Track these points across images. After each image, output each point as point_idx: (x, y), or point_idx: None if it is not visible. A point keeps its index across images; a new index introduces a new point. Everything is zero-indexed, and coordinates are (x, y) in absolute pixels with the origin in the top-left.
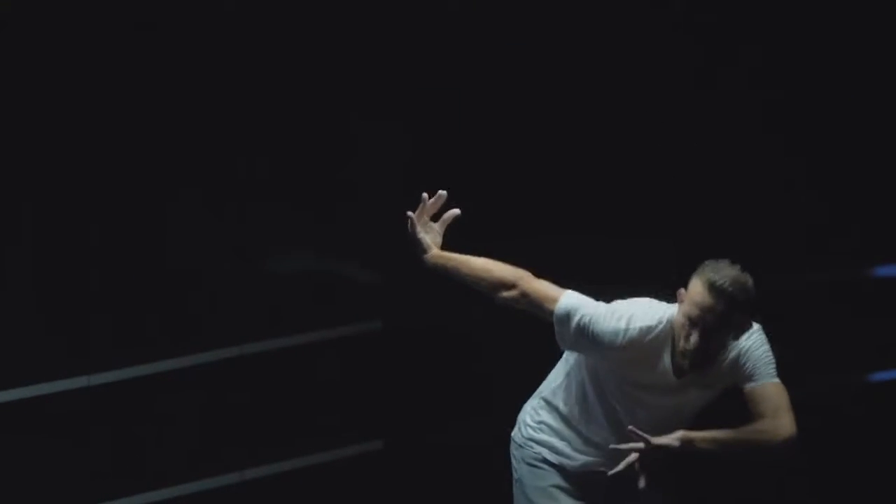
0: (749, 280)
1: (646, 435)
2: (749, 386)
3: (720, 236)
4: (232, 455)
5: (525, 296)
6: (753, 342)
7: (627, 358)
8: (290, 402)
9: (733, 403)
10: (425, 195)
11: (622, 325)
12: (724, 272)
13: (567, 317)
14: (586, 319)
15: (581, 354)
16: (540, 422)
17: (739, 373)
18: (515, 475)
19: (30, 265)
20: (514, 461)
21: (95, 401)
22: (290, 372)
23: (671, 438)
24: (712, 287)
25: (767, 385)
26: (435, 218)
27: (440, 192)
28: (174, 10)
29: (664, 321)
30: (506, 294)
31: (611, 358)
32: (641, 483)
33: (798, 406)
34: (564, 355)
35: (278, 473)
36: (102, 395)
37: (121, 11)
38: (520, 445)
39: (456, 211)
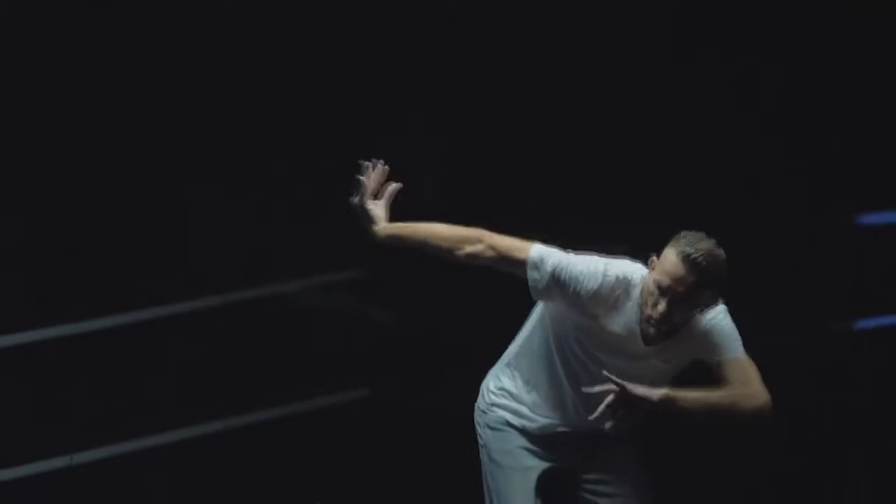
0: (722, 255)
1: (622, 381)
2: (717, 359)
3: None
4: (216, 404)
5: (492, 248)
6: (720, 319)
7: (597, 311)
8: (276, 350)
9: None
10: (367, 163)
11: (600, 268)
12: (700, 245)
13: (541, 261)
14: (564, 263)
15: (547, 317)
16: (501, 388)
17: (705, 347)
18: (481, 441)
19: (15, 213)
20: (478, 428)
21: (77, 349)
22: (274, 320)
23: (652, 392)
24: (686, 258)
25: (736, 359)
26: (380, 196)
27: (380, 164)
28: None
29: (639, 280)
30: (470, 249)
31: (581, 309)
32: (608, 426)
33: (782, 355)
34: (527, 323)
35: (262, 422)
36: (85, 343)
37: None
38: (483, 412)
39: (398, 185)
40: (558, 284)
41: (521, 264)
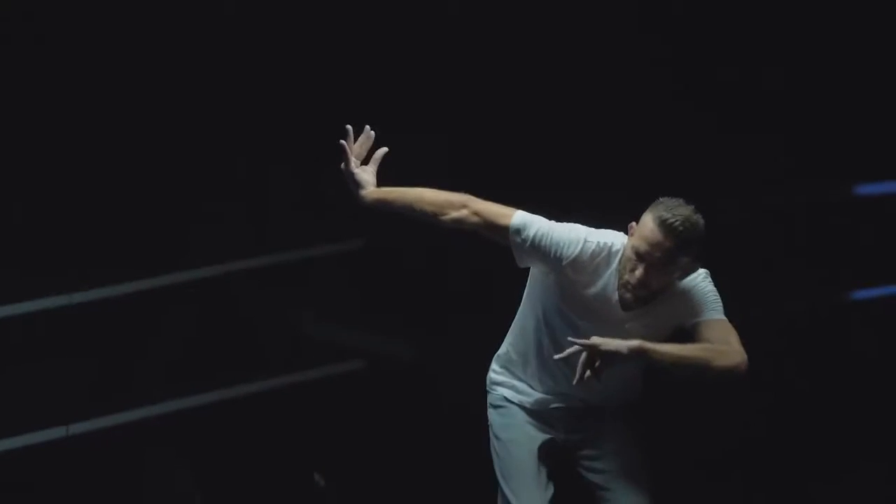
0: (700, 221)
1: (590, 340)
2: (694, 321)
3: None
4: (214, 374)
5: (477, 213)
6: (699, 282)
7: (577, 277)
8: (273, 320)
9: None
10: (349, 127)
11: (581, 235)
12: (677, 211)
13: (524, 226)
14: (546, 229)
15: (534, 291)
16: (502, 365)
17: (684, 310)
18: (489, 422)
19: (15, 184)
20: (487, 412)
21: (79, 319)
22: (271, 290)
23: (622, 344)
24: (663, 224)
25: (714, 320)
26: (367, 161)
27: (367, 129)
28: None
29: (619, 247)
30: (455, 214)
31: (561, 276)
32: (586, 375)
33: (778, 326)
34: (522, 302)
35: (260, 392)
36: (86, 313)
37: None
38: (487, 391)
39: (384, 150)
40: (540, 250)
41: (503, 230)
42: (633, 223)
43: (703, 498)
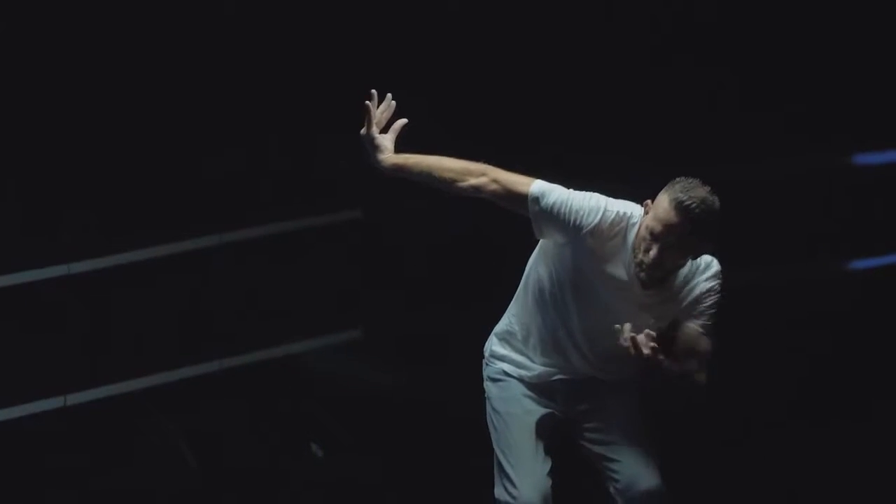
0: (716, 203)
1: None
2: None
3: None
4: (211, 344)
5: (496, 181)
6: (713, 286)
7: (595, 246)
8: (271, 290)
9: None
10: (374, 92)
11: (601, 204)
12: (694, 192)
13: (543, 194)
14: (565, 196)
15: (541, 262)
16: (502, 339)
17: (688, 309)
18: (486, 394)
19: (9, 153)
20: (484, 384)
21: (75, 289)
22: (270, 261)
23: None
24: (679, 205)
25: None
26: (385, 130)
27: (388, 97)
28: None
29: (637, 218)
30: (474, 181)
31: (579, 245)
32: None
33: (779, 295)
34: (525, 274)
35: (257, 363)
36: (82, 283)
37: None
38: (486, 364)
39: (404, 120)
40: (559, 218)
41: (522, 198)
42: (649, 201)
43: (709, 466)
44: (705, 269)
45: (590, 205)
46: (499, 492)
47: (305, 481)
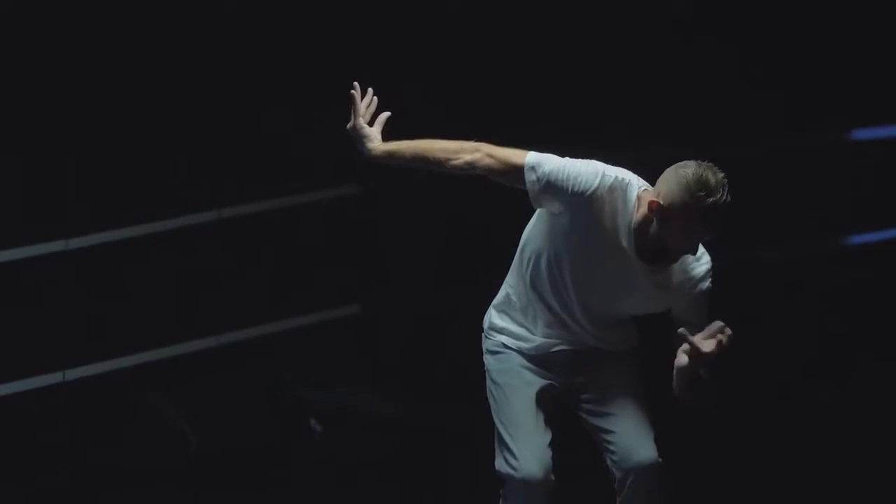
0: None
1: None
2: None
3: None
4: (208, 320)
5: (490, 155)
6: (707, 270)
7: (595, 211)
8: (268, 266)
9: None
10: (356, 84)
11: (599, 168)
12: (725, 196)
13: (539, 163)
14: (561, 163)
15: (537, 233)
16: (500, 311)
17: (689, 304)
18: (486, 367)
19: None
20: (484, 357)
21: (72, 265)
22: (267, 236)
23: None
24: (715, 214)
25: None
26: (370, 124)
27: (369, 91)
28: None
29: (635, 185)
30: (468, 157)
31: (577, 212)
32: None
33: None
34: (520, 244)
35: (255, 338)
36: (80, 259)
37: None
38: (485, 337)
39: (388, 113)
40: (557, 186)
41: (518, 169)
42: (648, 192)
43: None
44: (700, 256)
45: (588, 169)
46: (499, 463)
47: (304, 457)
